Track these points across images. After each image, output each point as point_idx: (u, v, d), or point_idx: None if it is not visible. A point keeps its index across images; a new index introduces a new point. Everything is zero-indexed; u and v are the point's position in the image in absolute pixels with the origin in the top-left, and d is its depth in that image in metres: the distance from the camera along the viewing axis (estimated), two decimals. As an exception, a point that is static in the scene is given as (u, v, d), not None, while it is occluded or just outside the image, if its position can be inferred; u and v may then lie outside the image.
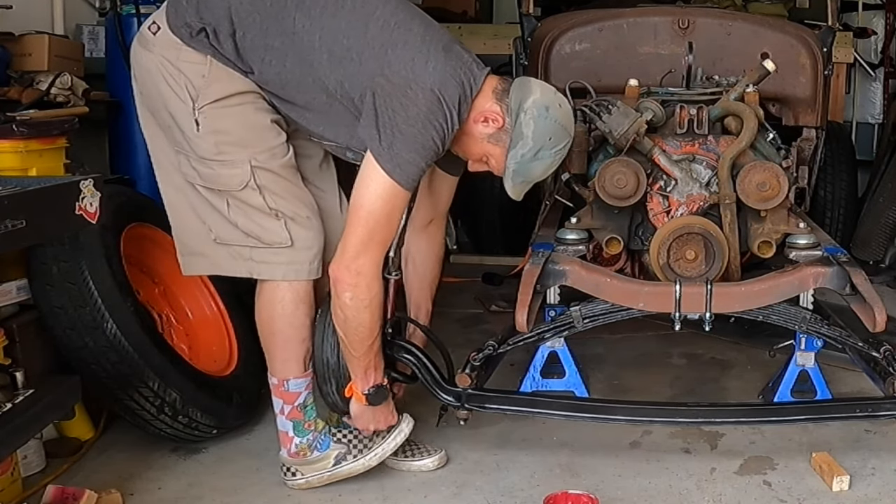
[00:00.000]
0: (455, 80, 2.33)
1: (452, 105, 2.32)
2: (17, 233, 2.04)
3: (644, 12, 3.78)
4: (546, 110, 2.40)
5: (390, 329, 2.62)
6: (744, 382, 3.43)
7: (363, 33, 2.34)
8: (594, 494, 2.41)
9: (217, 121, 2.40)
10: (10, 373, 2.29)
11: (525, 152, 2.40)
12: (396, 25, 2.35)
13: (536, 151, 2.41)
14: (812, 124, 3.50)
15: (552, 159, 2.46)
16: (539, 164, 2.44)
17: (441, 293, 4.20)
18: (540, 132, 2.40)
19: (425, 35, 2.36)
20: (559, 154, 2.47)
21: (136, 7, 3.57)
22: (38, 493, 2.49)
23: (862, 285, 2.62)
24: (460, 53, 2.40)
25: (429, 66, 2.30)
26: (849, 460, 2.71)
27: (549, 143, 2.42)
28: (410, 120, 2.28)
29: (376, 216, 2.32)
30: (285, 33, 2.36)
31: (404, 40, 2.33)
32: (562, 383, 3.16)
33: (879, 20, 6.46)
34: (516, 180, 2.46)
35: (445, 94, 2.30)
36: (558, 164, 2.53)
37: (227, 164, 2.42)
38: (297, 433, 2.60)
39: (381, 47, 2.32)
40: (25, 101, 3.10)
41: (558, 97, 2.48)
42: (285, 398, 2.59)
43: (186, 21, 2.37)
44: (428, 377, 2.66)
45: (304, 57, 2.36)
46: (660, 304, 2.68)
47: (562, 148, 2.47)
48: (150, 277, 3.04)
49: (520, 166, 2.43)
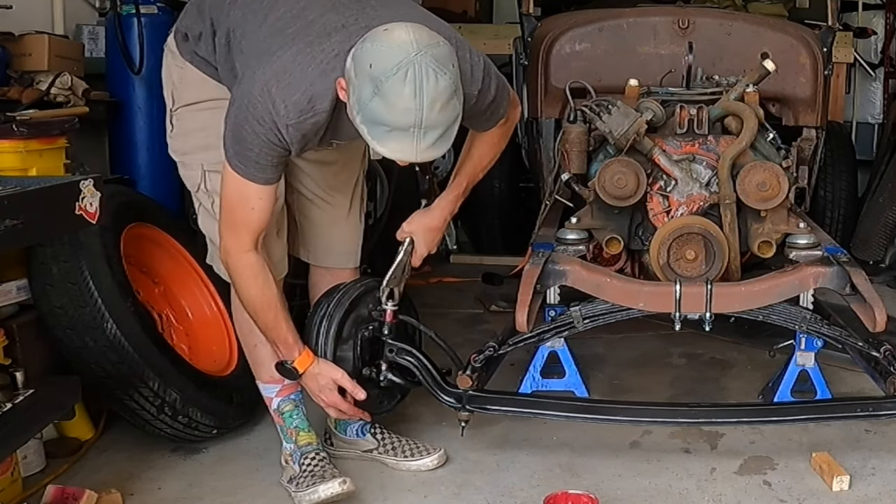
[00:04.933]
0: (299, 70, 2.11)
1: (284, 94, 2.11)
2: (16, 232, 2.04)
3: (644, 12, 3.78)
4: (363, 42, 2.01)
5: (388, 331, 2.62)
6: (744, 382, 3.43)
7: (258, 26, 2.27)
8: (594, 494, 2.41)
9: (186, 122, 2.51)
10: (10, 373, 2.29)
11: (359, 94, 1.98)
12: (284, 14, 2.24)
13: (370, 86, 1.96)
14: (812, 124, 3.50)
15: (402, 83, 1.93)
16: (385, 97, 1.95)
17: (441, 293, 4.22)
18: (359, 65, 1.99)
19: (311, 24, 2.18)
20: (412, 72, 1.93)
21: (136, 7, 3.56)
22: (38, 493, 2.49)
23: (862, 285, 2.62)
24: (332, 41, 2.12)
25: (273, 58, 2.16)
26: (849, 460, 2.71)
27: (377, 70, 1.94)
28: (238, 111, 2.18)
29: (230, 201, 2.30)
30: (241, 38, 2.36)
31: (279, 30, 2.21)
32: (562, 383, 3.16)
33: (879, 20, 6.47)
34: (377, 133, 2.00)
35: (278, 84, 2.11)
36: (434, 87, 1.95)
37: (187, 166, 2.54)
38: (283, 437, 2.65)
39: (260, 38, 2.25)
40: (25, 101, 3.10)
41: (392, 26, 2.02)
42: (265, 401, 2.67)
43: (179, 28, 2.46)
44: (429, 379, 2.66)
45: (233, 60, 2.37)
46: (660, 304, 2.68)
47: (400, 63, 1.93)
48: (150, 277, 3.04)
49: (363, 112, 1.99)
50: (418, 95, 1.94)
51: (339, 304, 2.56)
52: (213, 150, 2.35)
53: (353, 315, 2.57)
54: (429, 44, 1.99)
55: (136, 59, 3.56)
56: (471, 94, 2.21)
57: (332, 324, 2.54)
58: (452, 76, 2.01)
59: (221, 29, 2.37)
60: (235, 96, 2.22)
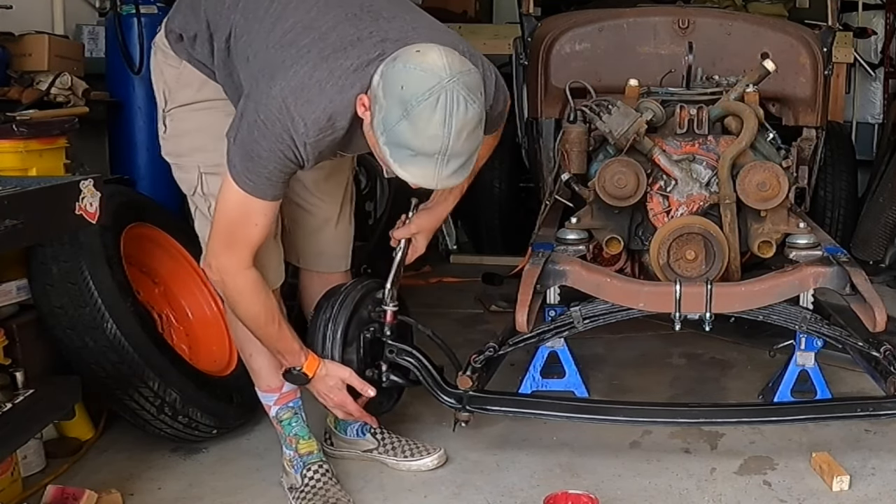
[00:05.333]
0: (317, 86, 2.05)
1: (302, 111, 2.06)
2: (16, 232, 2.04)
3: (644, 12, 3.78)
4: (394, 61, 1.97)
5: (389, 332, 2.62)
6: (744, 382, 3.43)
7: (266, 35, 2.20)
8: (594, 494, 2.41)
9: (181, 123, 2.44)
10: (10, 373, 2.29)
11: (385, 115, 1.96)
12: (295, 25, 2.16)
13: (399, 108, 1.93)
14: (812, 124, 3.50)
15: (432, 110, 1.91)
16: (414, 122, 1.93)
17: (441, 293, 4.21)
18: (389, 85, 1.95)
19: (324, 36, 2.12)
20: (444, 98, 1.91)
21: (136, 7, 3.56)
22: (38, 493, 2.49)
23: (862, 285, 2.62)
24: (349, 55, 2.07)
25: (289, 72, 2.08)
26: (849, 460, 2.71)
27: (408, 93, 1.92)
28: (250, 127, 2.10)
29: (230, 218, 2.22)
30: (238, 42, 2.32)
31: (291, 41, 2.14)
32: (562, 383, 3.16)
33: (879, 20, 6.47)
34: (401, 158, 1.98)
35: (297, 101, 2.05)
36: (464, 116, 1.93)
37: (182, 168, 2.46)
38: (283, 444, 2.62)
39: (269, 49, 2.18)
40: (25, 101, 3.10)
41: (426, 48, 1.99)
42: (266, 408, 2.62)
43: (171, 27, 2.40)
44: (429, 379, 2.66)
45: (234, 66, 2.32)
46: (660, 304, 2.68)
47: (433, 89, 1.91)
48: (150, 277, 3.04)
49: (388, 134, 1.96)
50: (447, 123, 1.92)
51: (342, 306, 2.54)
52: (211, 152, 2.32)
53: (355, 317, 2.57)
54: (461, 70, 1.96)
55: (136, 59, 3.57)
56: (485, 109, 2.17)
57: (338, 327, 2.54)
58: (480, 104, 1.99)
59: (220, 33, 2.30)
60: (245, 111, 2.13)
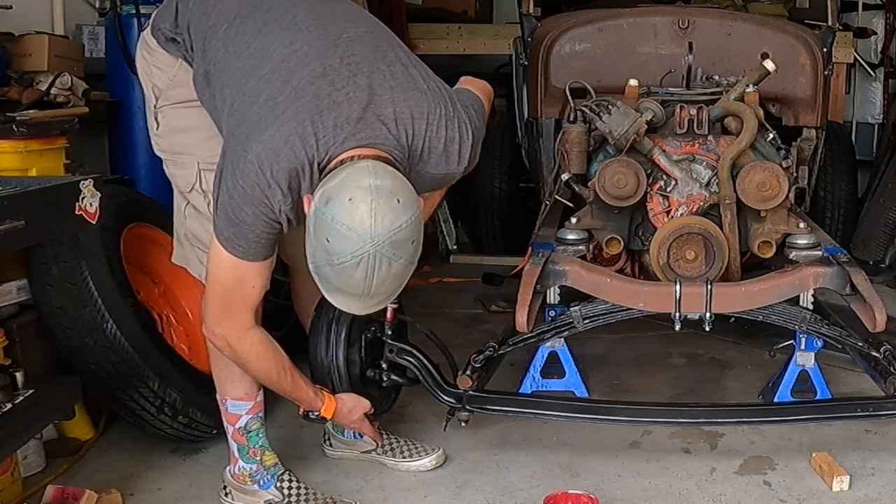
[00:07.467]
0: (291, 150, 2.03)
1: (278, 178, 2.03)
2: (16, 233, 2.04)
3: (644, 12, 3.78)
4: (326, 203, 1.93)
5: (390, 332, 2.61)
6: (744, 382, 3.43)
7: (243, 79, 2.16)
8: (594, 494, 2.41)
9: (175, 120, 2.42)
10: (10, 373, 2.29)
11: (314, 251, 1.96)
12: (272, 74, 2.13)
13: (324, 255, 1.94)
14: (812, 124, 3.50)
15: (354, 268, 1.91)
16: (337, 272, 1.94)
17: (441, 293, 4.21)
18: (318, 227, 1.94)
19: (300, 94, 2.08)
20: (366, 262, 1.90)
21: (136, 7, 3.56)
22: (38, 493, 2.49)
23: (862, 285, 2.62)
24: (324, 120, 2.04)
25: (265, 134, 2.05)
26: (849, 460, 2.71)
27: (332, 248, 1.91)
28: (230, 191, 2.08)
29: (225, 285, 2.20)
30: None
31: (268, 97, 2.10)
32: (562, 383, 3.16)
33: (879, 20, 6.47)
34: (326, 288, 2.00)
35: (273, 165, 2.02)
36: (386, 273, 1.94)
37: (179, 165, 2.44)
38: (242, 457, 2.51)
39: (246, 97, 2.14)
40: (25, 102, 3.09)
41: (359, 196, 1.91)
42: (227, 418, 2.50)
43: (160, 27, 2.39)
44: (429, 379, 2.67)
45: (214, 97, 2.28)
46: (660, 304, 2.68)
47: (355, 253, 1.90)
48: (150, 277, 3.04)
49: (317, 269, 1.98)
50: (369, 277, 1.94)
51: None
52: (209, 149, 2.31)
53: (357, 317, 2.57)
54: (390, 230, 1.92)
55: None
56: (453, 172, 2.21)
57: (342, 328, 2.54)
58: (408, 256, 1.98)
59: (199, 54, 2.28)
60: (224, 172, 2.11)
